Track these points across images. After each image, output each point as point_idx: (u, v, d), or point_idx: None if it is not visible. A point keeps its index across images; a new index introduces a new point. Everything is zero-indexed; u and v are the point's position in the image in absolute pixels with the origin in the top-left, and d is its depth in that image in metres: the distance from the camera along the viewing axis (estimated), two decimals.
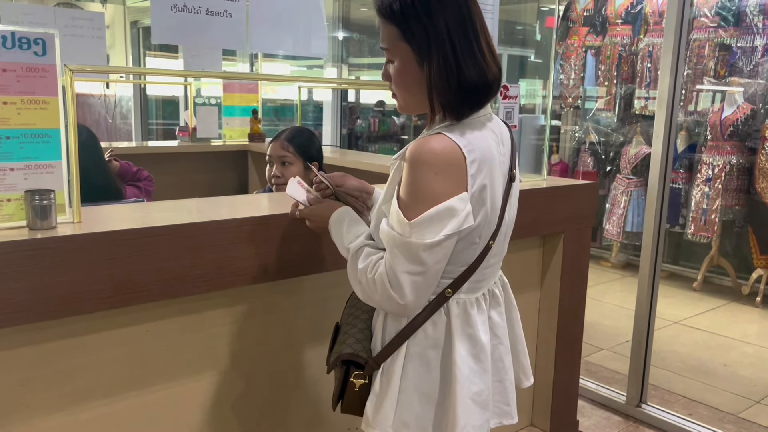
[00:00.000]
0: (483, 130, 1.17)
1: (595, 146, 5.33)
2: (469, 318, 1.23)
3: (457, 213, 1.09)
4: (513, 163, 1.27)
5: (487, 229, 1.20)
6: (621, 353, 3.46)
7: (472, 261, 1.21)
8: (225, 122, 3.60)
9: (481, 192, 1.14)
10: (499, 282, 1.35)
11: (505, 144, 1.25)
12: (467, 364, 1.21)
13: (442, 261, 1.15)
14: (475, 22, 1.14)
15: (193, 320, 1.50)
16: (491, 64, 1.15)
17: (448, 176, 1.09)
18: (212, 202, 1.80)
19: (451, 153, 1.10)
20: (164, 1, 1.38)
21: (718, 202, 4.48)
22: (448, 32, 1.12)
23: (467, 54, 1.12)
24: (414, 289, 1.13)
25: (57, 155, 1.30)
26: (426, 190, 1.09)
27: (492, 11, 2.14)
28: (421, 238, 1.10)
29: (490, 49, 1.16)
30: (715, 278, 4.78)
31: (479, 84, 1.14)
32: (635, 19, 5.00)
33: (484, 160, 1.14)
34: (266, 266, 1.51)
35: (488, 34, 1.18)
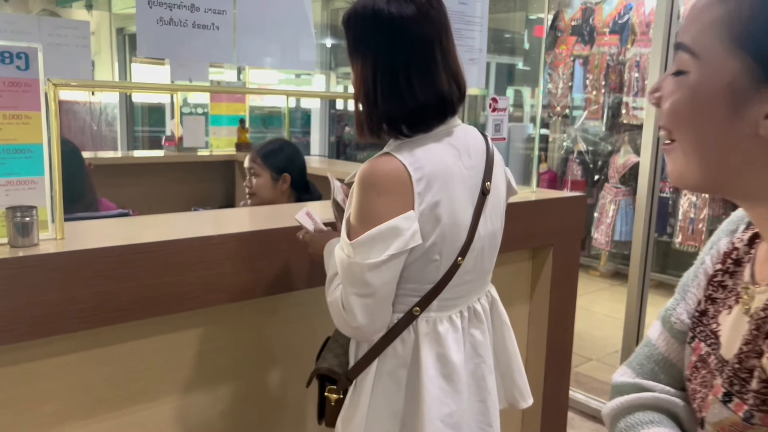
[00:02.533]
0: (438, 146, 1.17)
1: (583, 155, 5.36)
2: (439, 337, 1.20)
3: (402, 232, 1.09)
4: (488, 175, 1.24)
5: (450, 246, 1.17)
6: (610, 364, 3.46)
7: (438, 279, 1.18)
8: (212, 131, 3.57)
9: (433, 209, 1.12)
10: (486, 298, 1.32)
11: (473, 156, 1.22)
12: (436, 384, 1.18)
13: (390, 282, 1.13)
14: (432, 42, 1.14)
15: (178, 338, 1.47)
16: (443, 83, 1.15)
17: (391, 196, 1.10)
18: (197, 217, 1.78)
19: (395, 173, 1.10)
20: (150, 14, 1.37)
21: (706, 211, 4.51)
22: (391, 53, 1.13)
23: (413, 75, 1.13)
24: (365, 312, 1.13)
25: (40, 171, 1.27)
26: (369, 211, 1.10)
27: (480, 22, 2.13)
28: (364, 258, 1.10)
29: (448, 67, 1.16)
30: None
31: (419, 106, 1.14)
32: (622, 29, 5.04)
33: (436, 177, 1.12)
34: (252, 283, 1.49)
35: (449, 53, 1.17)
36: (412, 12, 1.13)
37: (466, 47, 2.05)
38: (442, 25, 1.17)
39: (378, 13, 1.14)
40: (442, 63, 1.16)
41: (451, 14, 1.99)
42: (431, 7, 1.15)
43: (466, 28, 2.02)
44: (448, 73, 1.17)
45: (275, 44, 1.58)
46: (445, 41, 1.18)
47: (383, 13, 1.13)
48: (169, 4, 1.36)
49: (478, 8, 2.09)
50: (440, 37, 1.16)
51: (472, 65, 2.11)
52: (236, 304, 1.51)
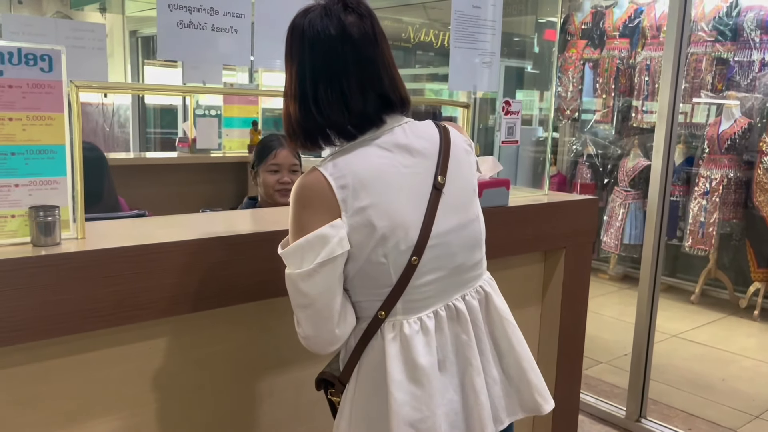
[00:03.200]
0: (365, 151, 1.17)
1: (592, 158, 5.36)
2: (405, 339, 1.17)
3: (327, 239, 1.10)
4: (441, 168, 1.19)
5: (395, 248, 1.14)
6: (620, 367, 3.45)
7: (394, 281, 1.16)
8: (225, 133, 3.60)
9: (362, 213, 1.12)
10: (474, 295, 1.26)
11: (415, 153, 1.19)
12: (404, 388, 1.15)
13: (326, 292, 1.13)
14: (345, 56, 1.14)
15: (195, 337, 1.49)
16: (357, 97, 1.15)
17: (315, 208, 1.13)
18: (213, 218, 1.80)
19: (316, 185, 1.13)
20: (170, 17, 1.38)
21: (716, 215, 4.50)
22: (304, 68, 1.16)
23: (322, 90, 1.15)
24: (309, 323, 1.16)
25: (62, 171, 1.30)
26: (296, 224, 1.14)
27: (493, 26, 2.15)
28: (295, 268, 1.13)
29: (369, 79, 1.16)
30: (712, 291, 4.79)
31: (327, 122, 1.16)
32: (633, 32, 5.04)
33: (360, 181, 1.13)
34: (268, 283, 1.50)
35: (373, 65, 1.16)
36: (325, 27, 1.15)
37: (480, 51, 2.06)
38: (362, 39, 1.16)
39: (295, 28, 1.18)
40: (360, 76, 1.16)
41: (465, 18, 2.02)
42: (352, 23, 1.15)
43: (479, 31, 2.03)
44: (370, 86, 1.16)
45: None
46: (367, 54, 1.16)
47: (298, 28, 1.17)
48: (189, 8, 1.38)
49: (492, 12, 2.10)
50: (356, 51, 1.15)
51: (485, 68, 2.13)
52: (253, 304, 1.53)
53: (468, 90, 2.53)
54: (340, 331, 1.18)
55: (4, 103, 1.22)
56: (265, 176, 2.27)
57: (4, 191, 1.24)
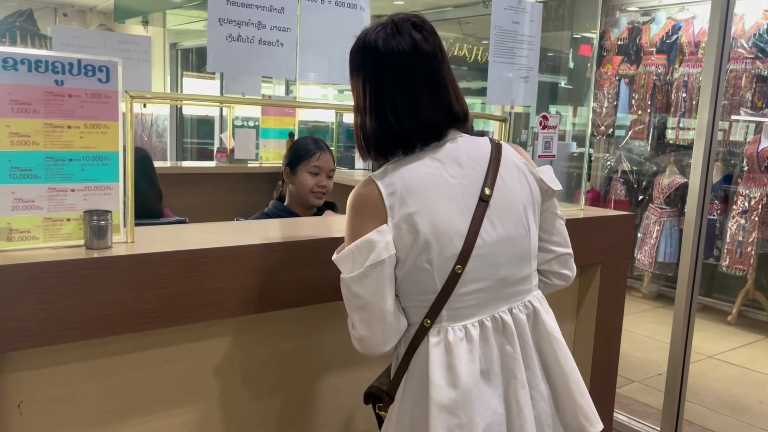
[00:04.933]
0: (416, 162, 1.23)
1: (627, 175, 5.30)
2: (449, 346, 1.19)
3: (375, 244, 1.16)
4: (489, 181, 1.23)
5: (440, 256, 1.17)
6: (653, 386, 3.40)
7: (438, 288, 1.20)
8: (262, 144, 3.67)
9: (408, 220, 1.17)
10: (522, 309, 1.27)
11: (465, 166, 1.23)
12: (444, 393, 1.17)
13: (377, 293, 1.18)
14: (416, 71, 1.22)
15: (233, 342, 1.53)
16: (428, 109, 1.22)
17: (366, 213, 1.20)
18: (256, 225, 1.84)
19: (368, 193, 1.21)
20: (220, 31, 1.43)
21: (755, 234, 4.41)
22: (377, 81, 1.23)
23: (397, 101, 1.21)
24: (363, 324, 1.20)
25: (115, 177, 1.35)
26: (350, 230, 1.22)
27: (531, 41, 2.16)
28: (347, 272, 1.20)
29: (435, 94, 1.23)
30: (750, 312, 4.69)
31: (402, 130, 1.22)
32: (670, 48, 5.00)
33: (408, 190, 1.18)
34: (307, 290, 1.53)
35: (438, 81, 1.23)
36: (399, 44, 1.22)
37: (518, 65, 2.08)
38: (430, 55, 1.24)
39: (367, 45, 1.24)
40: (430, 89, 1.23)
41: (504, 33, 2.04)
42: (422, 40, 1.23)
43: (518, 46, 2.05)
44: (439, 98, 1.24)
45: (335, 60, 1.64)
46: (435, 69, 1.24)
47: (371, 45, 1.24)
48: (238, 22, 1.43)
49: (530, 28, 2.12)
50: (427, 66, 1.23)
51: (522, 83, 2.14)
52: (294, 310, 1.56)
53: (506, 104, 2.54)
54: (393, 333, 1.22)
55: (63, 112, 1.27)
56: (304, 176, 2.28)
57: (61, 195, 1.30)
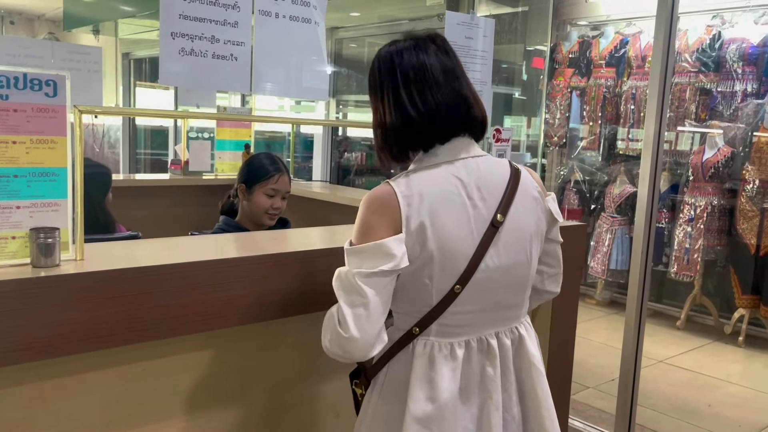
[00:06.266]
0: (437, 175, 1.24)
1: (579, 185, 5.43)
2: (433, 361, 1.22)
3: (391, 252, 1.16)
4: (503, 208, 1.24)
5: (442, 273, 1.20)
6: (607, 392, 3.48)
7: (434, 303, 1.22)
8: (217, 156, 3.62)
9: (419, 231, 1.18)
10: (508, 335, 1.30)
11: (483, 188, 1.24)
12: (421, 406, 1.20)
13: (381, 295, 1.18)
14: (430, 67, 1.25)
15: (190, 359, 1.50)
16: (448, 100, 1.24)
17: (382, 215, 1.19)
18: (211, 240, 1.82)
19: (386, 196, 1.20)
20: (173, 44, 1.42)
21: (701, 241, 4.57)
22: (395, 79, 1.26)
23: (415, 91, 1.24)
24: (356, 323, 1.17)
25: (63, 194, 1.32)
26: (363, 224, 1.21)
27: (484, 56, 2.20)
28: (357, 267, 1.18)
29: (454, 89, 1.26)
30: (698, 317, 4.85)
31: (422, 116, 1.24)
32: (619, 62, 5.15)
33: (425, 203, 1.19)
34: (264, 305, 1.52)
35: (454, 79, 1.27)
36: (411, 44, 1.28)
37: (472, 80, 2.11)
38: (443, 54, 1.29)
39: (384, 54, 1.30)
40: (445, 80, 1.26)
41: (458, 48, 2.06)
42: (431, 42, 1.29)
43: (471, 61, 2.09)
44: (452, 90, 1.26)
45: (290, 74, 1.64)
46: (451, 67, 1.29)
47: (386, 51, 1.30)
48: (191, 36, 1.42)
49: (483, 43, 2.16)
50: (441, 64, 1.27)
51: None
52: (248, 326, 1.54)
53: None
54: (380, 339, 1.20)
55: (8, 127, 1.24)
56: (260, 197, 2.26)
57: (6, 213, 1.26)
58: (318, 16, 1.66)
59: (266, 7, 1.54)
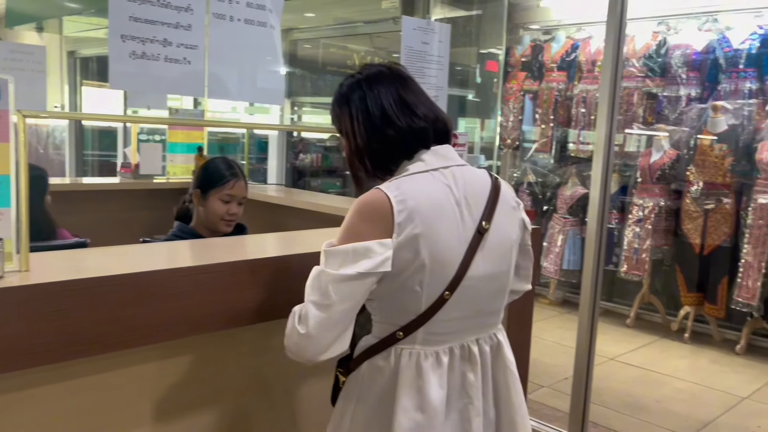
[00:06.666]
0: (428, 182, 1.25)
1: (532, 186, 5.52)
2: (421, 370, 1.23)
3: (373, 254, 1.16)
4: (487, 216, 1.27)
5: (432, 280, 1.21)
6: (561, 390, 3.54)
7: (422, 310, 1.22)
8: (169, 159, 3.54)
9: (412, 241, 1.18)
10: (488, 341, 1.33)
11: (469, 197, 1.26)
12: (410, 416, 1.21)
13: (349, 300, 1.18)
14: (396, 89, 1.32)
15: (144, 371, 1.46)
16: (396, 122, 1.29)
17: (373, 222, 1.19)
18: (164, 248, 1.77)
19: (379, 202, 1.20)
20: (123, 47, 1.38)
21: (648, 242, 4.70)
22: (365, 101, 1.31)
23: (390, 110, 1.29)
24: (316, 323, 1.17)
25: (6, 202, 1.26)
26: (351, 230, 1.20)
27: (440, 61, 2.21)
28: (333, 268, 1.17)
29: (417, 105, 1.31)
30: (646, 315, 4.99)
31: (398, 131, 1.28)
32: (570, 66, 5.26)
33: (418, 210, 1.19)
34: (219, 314, 1.49)
35: (414, 96, 1.32)
36: (376, 69, 1.36)
37: (428, 85, 2.12)
38: (405, 74, 1.38)
39: (348, 86, 1.36)
40: (410, 95, 1.33)
41: (414, 53, 2.08)
42: (388, 69, 1.36)
43: (427, 66, 2.10)
44: (419, 102, 1.33)
45: (245, 78, 1.61)
46: (413, 84, 1.37)
47: (349, 82, 1.36)
48: (143, 39, 1.38)
49: (438, 48, 2.17)
50: (401, 86, 1.34)
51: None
52: (204, 336, 1.51)
53: None
54: (336, 345, 1.20)
55: None
56: (215, 203, 2.21)
57: None
58: (273, 19, 1.63)
59: (220, 10, 1.51)
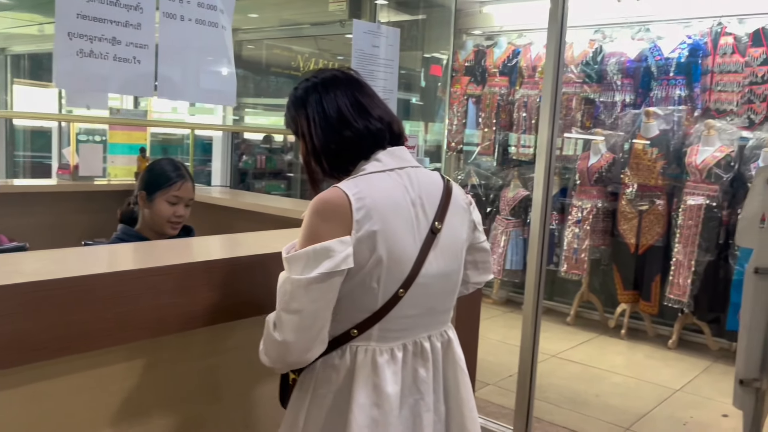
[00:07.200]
0: (385, 181, 1.28)
1: (476, 188, 5.62)
2: (376, 367, 1.25)
3: (333, 253, 1.17)
4: (439, 216, 1.30)
5: (389, 277, 1.23)
6: (506, 388, 3.62)
7: (377, 307, 1.25)
8: (110, 160, 3.44)
9: (370, 238, 1.20)
10: (439, 338, 1.36)
11: (423, 197, 1.30)
12: (366, 412, 1.23)
13: (319, 302, 1.19)
14: (352, 92, 1.34)
15: (94, 376, 1.42)
16: (353, 124, 1.31)
17: (332, 221, 1.20)
18: (107, 250, 1.73)
19: (337, 200, 1.21)
20: (69, 45, 1.34)
21: (587, 242, 4.86)
22: (322, 103, 1.33)
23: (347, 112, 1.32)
24: (293, 329, 1.19)
25: None
26: (312, 233, 1.21)
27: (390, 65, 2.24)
28: (296, 273, 1.19)
29: (373, 108, 1.34)
30: (585, 313, 5.16)
31: (355, 133, 1.30)
32: (511, 71, 5.39)
33: (376, 209, 1.22)
34: (170, 317, 1.46)
35: (369, 99, 1.35)
36: (330, 73, 1.38)
37: (378, 87, 2.14)
38: (354, 82, 1.39)
39: (305, 87, 1.37)
40: (364, 98, 1.35)
41: (365, 56, 2.10)
42: (342, 74, 1.39)
43: (378, 69, 2.12)
44: (373, 105, 1.36)
45: (197, 78, 1.59)
46: (367, 88, 1.39)
47: (304, 85, 1.37)
48: (90, 37, 1.34)
49: (387, 52, 2.19)
50: (356, 90, 1.37)
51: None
52: (154, 340, 1.48)
53: None
54: (317, 345, 1.22)
55: None
56: (162, 205, 2.15)
57: None
58: (224, 20, 1.62)
59: (170, 10, 1.49)
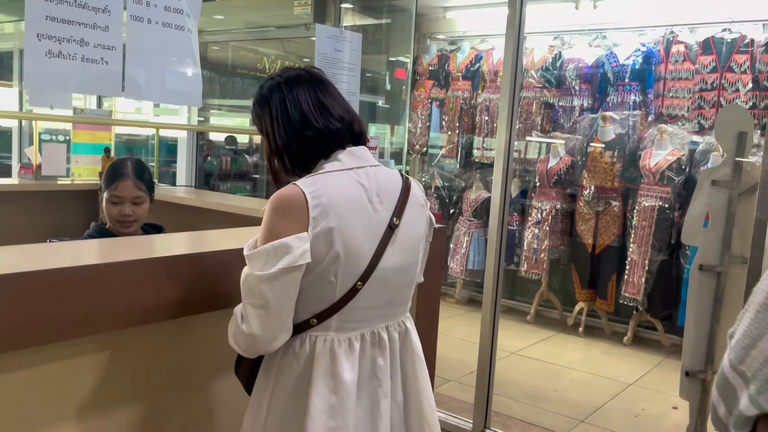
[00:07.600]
0: (342, 180, 1.34)
1: (440, 190, 5.73)
2: (334, 355, 1.32)
3: (292, 249, 1.23)
4: (397, 212, 1.37)
5: (346, 271, 1.29)
6: (467, 384, 3.72)
7: (335, 300, 1.31)
8: (74, 160, 3.44)
9: (327, 234, 1.26)
10: (396, 328, 1.42)
11: (381, 194, 1.36)
12: (325, 399, 1.29)
13: (282, 296, 1.26)
14: (314, 91, 1.39)
15: (59, 368, 1.45)
16: (314, 123, 1.36)
17: (290, 218, 1.26)
18: (71, 246, 1.76)
19: (294, 197, 1.27)
20: (39, 46, 1.38)
21: (546, 242, 5.00)
22: (284, 103, 1.38)
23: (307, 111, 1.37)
24: (259, 322, 1.26)
25: None
26: (270, 229, 1.27)
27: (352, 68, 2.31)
28: (257, 269, 1.25)
29: (333, 107, 1.39)
30: (545, 311, 5.30)
31: (316, 131, 1.36)
32: (474, 75, 5.51)
33: (332, 206, 1.28)
34: (136, 311, 1.50)
35: (331, 99, 1.40)
36: (294, 72, 1.43)
37: (341, 90, 2.21)
38: (317, 81, 1.43)
39: (269, 86, 1.42)
40: (326, 98, 1.41)
41: (327, 60, 2.16)
42: (306, 73, 1.44)
43: (340, 72, 2.19)
44: (336, 104, 1.41)
45: (164, 79, 1.64)
46: (329, 86, 1.44)
47: (270, 84, 1.42)
48: (59, 38, 1.38)
49: (350, 56, 2.27)
50: (319, 89, 1.41)
51: None
52: (119, 332, 1.52)
53: None
54: (283, 333, 1.29)
55: None
56: (107, 205, 2.16)
57: None
58: (191, 23, 1.67)
59: (138, 13, 1.53)
